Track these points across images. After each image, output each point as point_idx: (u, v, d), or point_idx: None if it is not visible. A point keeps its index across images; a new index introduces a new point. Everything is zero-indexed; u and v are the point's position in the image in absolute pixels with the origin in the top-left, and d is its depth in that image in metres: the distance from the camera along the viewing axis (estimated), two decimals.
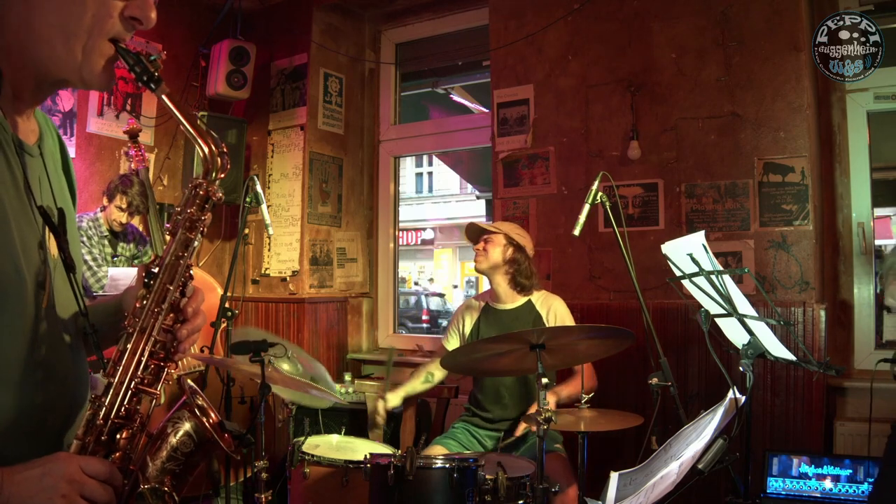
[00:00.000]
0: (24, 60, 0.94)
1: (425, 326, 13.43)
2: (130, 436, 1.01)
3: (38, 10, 0.91)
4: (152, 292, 1.03)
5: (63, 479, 0.89)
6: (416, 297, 15.14)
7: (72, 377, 1.04)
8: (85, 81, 0.97)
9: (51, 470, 0.89)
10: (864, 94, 3.12)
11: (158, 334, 1.02)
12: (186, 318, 1.06)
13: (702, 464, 1.61)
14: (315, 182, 4.25)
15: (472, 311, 3.06)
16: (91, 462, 0.93)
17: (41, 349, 0.97)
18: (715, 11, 3.13)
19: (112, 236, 3.44)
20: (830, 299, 3.13)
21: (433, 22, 4.41)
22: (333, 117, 4.38)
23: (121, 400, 1.00)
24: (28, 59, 0.94)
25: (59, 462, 0.91)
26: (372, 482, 2.19)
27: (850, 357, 3.13)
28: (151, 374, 1.03)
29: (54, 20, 0.92)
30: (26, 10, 0.91)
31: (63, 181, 1.12)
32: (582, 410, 2.38)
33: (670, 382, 2.26)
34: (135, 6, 0.96)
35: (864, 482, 2.53)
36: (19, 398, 0.94)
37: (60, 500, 0.88)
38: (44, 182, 1.02)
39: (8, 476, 0.87)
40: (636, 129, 3.29)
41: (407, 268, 19.21)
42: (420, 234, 19.54)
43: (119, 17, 0.95)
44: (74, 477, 0.90)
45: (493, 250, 2.92)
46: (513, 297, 2.96)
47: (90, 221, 3.37)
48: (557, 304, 2.95)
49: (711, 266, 2.12)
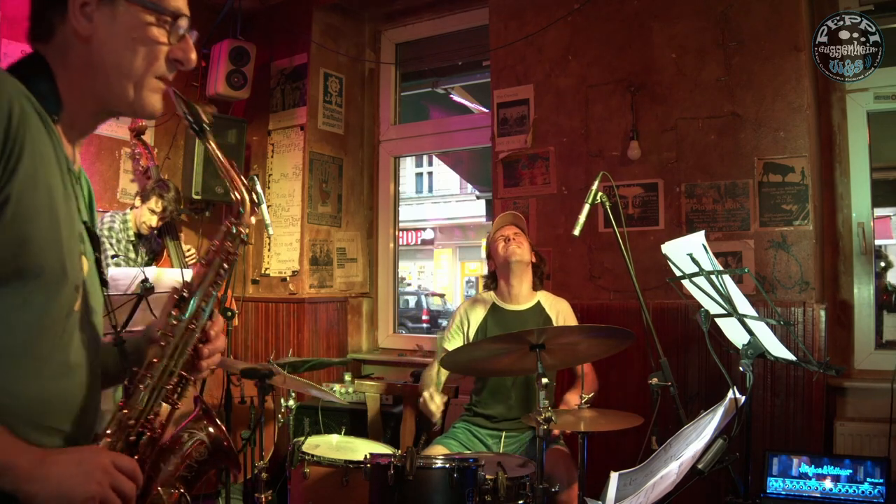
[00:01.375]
0: (83, 94, 1.08)
1: (425, 326, 13.43)
2: (150, 440, 1.11)
3: (98, 53, 1.06)
4: (189, 312, 1.16)
5: (98, 468, 0.99)
6: (416, 297, 15.15)
7: (93, 379, 1.12)
8: (136, 112, 1.12)
9: (88, 458, 1.00)
10: (864, 94, 3.12)
11: (191, 350, 1.15)
12: (209, 339, 1.20)
13: (702, 464, 1.61)
14: (315, 182, 4.25)
15: (477, 311, 3.00)
16: (122, 458, 1.03)
17: (70, 348, 1.05)
18: (715, 11, 3.14)
19: (136, 239, 3.32)
20: (830, 299, 3.13)
21: (433, 22, 4.41)
22: (333, 117, 4.38)
23: (149, 405, 1.11)
24: (88, 93, 1.09)
25: (94, 453, 1.02)
26: (372, 482, 2.19)
27: (850, 357, 3.13)
28: (176, 386, 1.14)
29: (111, 61, 1.07)
30: (87, 53, 1.06)
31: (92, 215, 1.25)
32: (582, 410, 2.38)
33: (670, 382, 2.25)
34: (178, 50, 1.12)
35: (864, 482, 2.53)
36: (45, 390, 1.01)
37: (95, 486, 0.97)
38: (82, 205, 1.14)
39: (49, 456, 0.96)
40: (636, 129, 3.29)
41: (407, 268, 19.21)
42: (420, 234, 19.54)
43: (164, 59, 1.10)
44: (108, 468, 1.00)
45: (526, 245, 2.94)
46: (526, 298, 2.95)
47: (121, 223, 3.27)
48: (565, 307, 2.97)
49: (711, 266, 2.12)
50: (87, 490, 0.96)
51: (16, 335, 0.97)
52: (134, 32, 1.07)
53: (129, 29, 1.07)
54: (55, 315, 1.02)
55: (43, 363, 1.01)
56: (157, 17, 1.08)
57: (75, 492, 0.96)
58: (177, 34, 1.11)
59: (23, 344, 0.98)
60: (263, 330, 4.22)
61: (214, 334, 1.20)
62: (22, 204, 0.95)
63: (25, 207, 0.95)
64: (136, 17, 1.07)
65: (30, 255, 0.96)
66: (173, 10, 1.09)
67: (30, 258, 0.96)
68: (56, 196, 1.01)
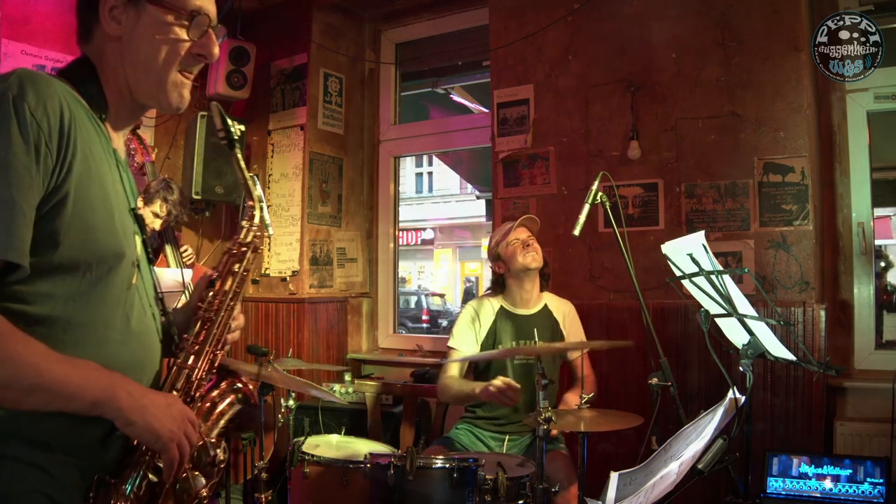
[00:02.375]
0: (120, 89, 1.21)
1: (425, 326, 13.43)
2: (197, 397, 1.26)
3: (127, 51, 1.18)
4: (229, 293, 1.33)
5: (182, 413, 1.15)
6: (416, 297, 15.15)
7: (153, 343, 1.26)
8: (161, 105, 1.23)
9: (173, 402, 1.16)
10: (864, 94, 3.12)
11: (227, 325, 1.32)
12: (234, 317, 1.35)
13: (702, 464, 1.61)
14: (315, 182, 4.25)
15: (486, 312, 2.93)
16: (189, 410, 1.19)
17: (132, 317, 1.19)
18: (715, 11, 3.13)
19: None
20: (830, 299, 3.13)
21: (433, 22, 4.41)
22: (333, 117, 4.38)
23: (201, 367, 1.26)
24: (123, 88, 1.21)
25: (177, 401, 1.17)
26: (372, 482, 2.19)
27: (850, 357, 3.13)
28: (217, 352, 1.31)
29: (138, 58, 1.19)
30: (119, 51, 1.19)
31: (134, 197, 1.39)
32: (582, 410, 2.38)
33: (670, 382, 2.25)
34: (200, 45, 1.22)
35: (864, 482, 2.53)
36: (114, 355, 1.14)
37: (177, 426, 1.12)
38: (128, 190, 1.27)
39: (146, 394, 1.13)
40: (636, 129, 3.29)
41: (407, 268, 19.21)
42: (420, 234, 19.54)
43: (186, 54, 1.21)
44: (186, 416, 1.16)
45: (540, 252, 2.91)
46: (535, 301, 2.94)
47: None
48: (570, 310, 2.99)
49: (711, 266, 2.12)
50: (172, 430, 1.11)
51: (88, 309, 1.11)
52: (156, 31, 1.17)
53: (151, 28, 1.17)
54: (118, 289, 1.15)
55: (111, 331, 1.15)
56: (176, 15, 1.18)
57: (164, 429, 1.11)
58: (197, 31, 1.20)
59: (93, 316, 1.12)
60: (263, 330, 4.21)
61: (237, 313, 1.36)
62: (81, 197, 1.07)
63: (84, 200, 1.08)
64: (158, 16, 1.17)
65: (94, 242, 1.10)
66: (192, 9, 1.19)
67: (95, 244, 1.10)
68: (108, 185, 1.14)
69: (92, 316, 1.12)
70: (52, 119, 1.03)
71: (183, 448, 1.13)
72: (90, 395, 1.06)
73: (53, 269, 1.07)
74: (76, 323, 1.10)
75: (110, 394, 1.07)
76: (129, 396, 1.08)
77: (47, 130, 1.02)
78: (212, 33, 1.22)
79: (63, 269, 1.07)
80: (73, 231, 1.07)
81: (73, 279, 1.09)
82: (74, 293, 1.09)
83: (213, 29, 1.23)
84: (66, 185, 1.05)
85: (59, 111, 1.04)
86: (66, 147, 1.05)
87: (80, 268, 1.09)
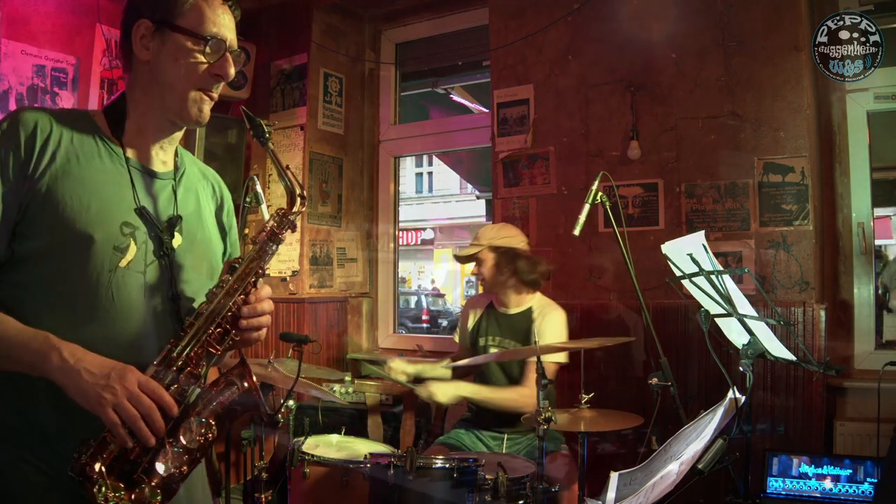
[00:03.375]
0: (146, 106, 1.39)
1: (425, 326, 13.42)
2: (191, 374, 1.28)
3: (155, 72, 1.36)
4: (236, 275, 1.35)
5: (119, 381, 1.18)
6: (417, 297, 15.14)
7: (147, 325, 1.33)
8: (182, 119, 1.39)
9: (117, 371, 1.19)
10: (864, 94, 3.12)
11: (234, 306, 1.33)
12: (249, 301, 1.37)
13: (702, 464, 1.60)
14: (315, 182, 4.25)
15: (476, 310, 3.07)
16: (149, 381, 1.21)
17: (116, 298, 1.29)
18: (715, 11, 3.13)
19: None
20: (830, 299, 3.13)
21: (433, 22, 4.41)
22: (333, 117, 4.38)
23: (192, 345, 1.29)
24: (150, 105, 1.38)
25: (125, 370, 1.20)
26: (372, 482, 2.19)
27: (850, 357, 3.13)
28: (219, 335, 1.33)
29: (163, 78, 1.35)
30: (149, 73, 1.37)
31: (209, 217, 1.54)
32: (582, 410, 2.38)
33: (670, 382, 2.25)
34: (217, 67, 1.37)
35: (864, 482, 2.53)
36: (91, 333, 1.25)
37: (108, 393, 1.16)
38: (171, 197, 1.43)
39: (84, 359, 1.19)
40: (636, 129, 3.29)
41: (407, 268, 19.20)
42: (420, 234, 19.53)
43: (205, 74, 1.36)
44: (129, 384, 1.18)
45: (486, 269, 2.87)
46: (518, 301, 2.93)
47: None
48: (553, 316, 2.86)
49: (711, 266, 2.12)
50: (100, 395, 1.16)
51: (66, 288, 1.26)
52: (178, 54, 1.34)
53: (174, 52, 1.34)
54: (96, 272, 1.27)
55: (90, 311, 1.27)
56: (195, 41, 1.34)
57: (93, 391, 1.16)
58: (214, 54, 1.36)
59: (70, 295, 1.27)
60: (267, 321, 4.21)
61: (255, 298, 1.38)
62: (51, 195, 1.25)
63: (54, 197, 1.25)
64: (179, 42, 1.34)
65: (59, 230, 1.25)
66: (209, 34, 1.34)
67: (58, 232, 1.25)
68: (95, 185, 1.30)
69: (65, 298, 1.27)
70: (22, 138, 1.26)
71: (124, 412, 1.16)
72: (27, 357, 1.19)
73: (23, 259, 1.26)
74: (47, 304, 1.26)
75: (43, 357, 1.18)
76: (63, 361, 1.18)
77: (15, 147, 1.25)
78: (228, 56, 1.38)
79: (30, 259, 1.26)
80: (45, 221, 1.25)
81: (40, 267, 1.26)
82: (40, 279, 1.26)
83: (231, 53, 1.38)
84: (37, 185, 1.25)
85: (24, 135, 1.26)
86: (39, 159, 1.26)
87: (55, 252, 1.26)
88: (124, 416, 1.16)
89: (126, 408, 1.16)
